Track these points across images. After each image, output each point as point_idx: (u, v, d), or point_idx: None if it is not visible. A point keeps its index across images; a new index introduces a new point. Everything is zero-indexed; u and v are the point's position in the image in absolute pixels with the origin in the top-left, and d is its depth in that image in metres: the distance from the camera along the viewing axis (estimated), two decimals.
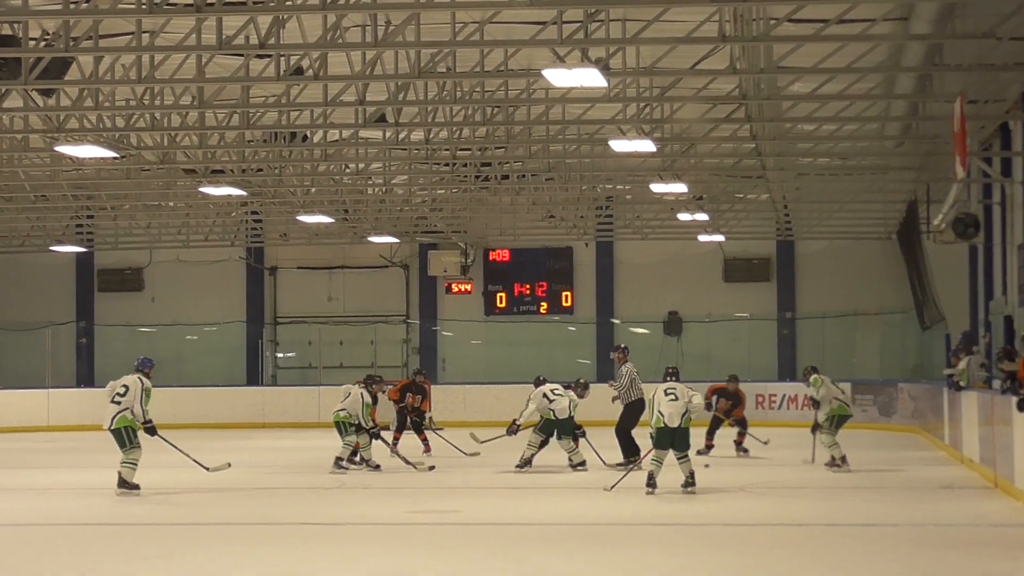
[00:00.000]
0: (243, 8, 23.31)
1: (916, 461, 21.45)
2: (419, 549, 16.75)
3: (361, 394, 26.86)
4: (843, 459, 26.10)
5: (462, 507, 20.87)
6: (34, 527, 19.67)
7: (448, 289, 51.61)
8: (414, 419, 31.18)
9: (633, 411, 26.62)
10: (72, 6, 23.46)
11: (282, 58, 27.44)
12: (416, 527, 18.85)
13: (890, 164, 36.24)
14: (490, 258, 51.57)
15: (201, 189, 38.47)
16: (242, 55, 26.77)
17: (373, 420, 27.15)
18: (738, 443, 29.85)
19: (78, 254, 52.39)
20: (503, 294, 51.68)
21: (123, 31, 26.78)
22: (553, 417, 25.91)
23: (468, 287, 51.38)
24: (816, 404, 26.82)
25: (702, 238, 47.46)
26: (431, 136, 34.01)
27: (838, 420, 26.54)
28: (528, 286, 51.64)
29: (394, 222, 46.87)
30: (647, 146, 24.82)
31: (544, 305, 51.54)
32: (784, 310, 49.26)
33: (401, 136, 33.95)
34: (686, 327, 49.93)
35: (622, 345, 29.17)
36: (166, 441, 23.95)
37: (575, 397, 26.27)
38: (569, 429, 26.04)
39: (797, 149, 34.69)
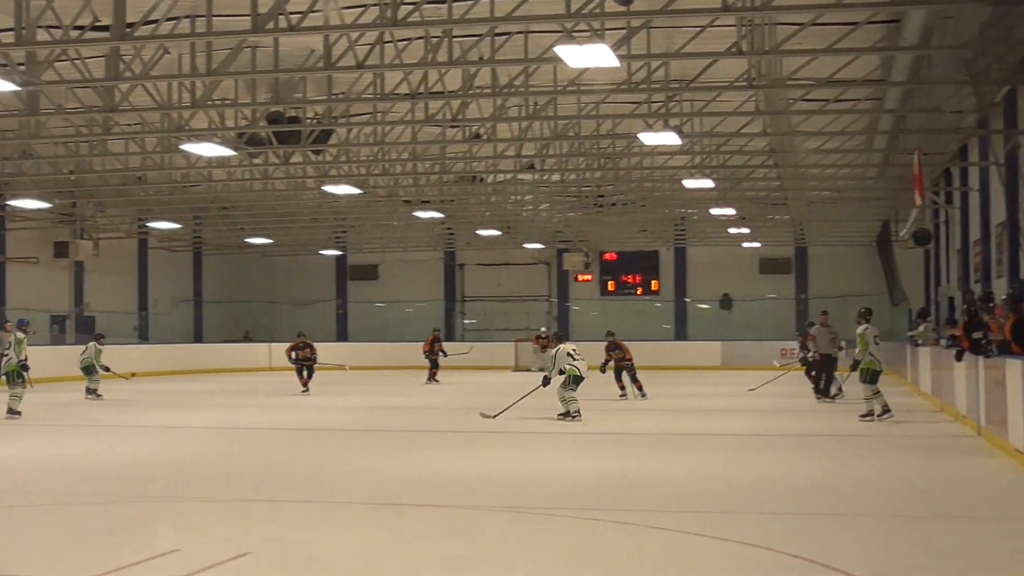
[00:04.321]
0: (440, 95, 23.29)
1: (890, 394, 20.86)
2: (560, 451, 16.48)
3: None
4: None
5: (586, 421, 20.46)
6: (306, 431, 19.50)
7: (575, 279, 51.56)
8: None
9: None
10: (335, 95, 23.61)
11: (467, 127, 27.53)
12: (556, 435, 18.58)
13: (870, 195, 35.81)
14: (604, 258, 51.45)
15: (414, 213, 38.59)
16: (441, 125, 26.81)
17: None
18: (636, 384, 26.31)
19: (336, 256, 52.88)
20: (612, 282, 51.58)
21: (363, 111, 26.90)
22: (577, 372, 20.51)
23: (589, 277, 51.35)
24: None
25: (744, 244, 47.33)
26: (564, 177, 33.91)
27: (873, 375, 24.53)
28: (629, 276, 51.50)
29: (540, 234, 46.87)
30: (672, 138, 24.33)
31: (639, 289, 51.39)
32: (799, 293, 48.86)
33: (544, 178, 33.91)
34: (735, 304, 49.60)
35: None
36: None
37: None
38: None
39: (808, 185, 34.37)
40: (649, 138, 24.83)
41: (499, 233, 44.01)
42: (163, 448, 16.71)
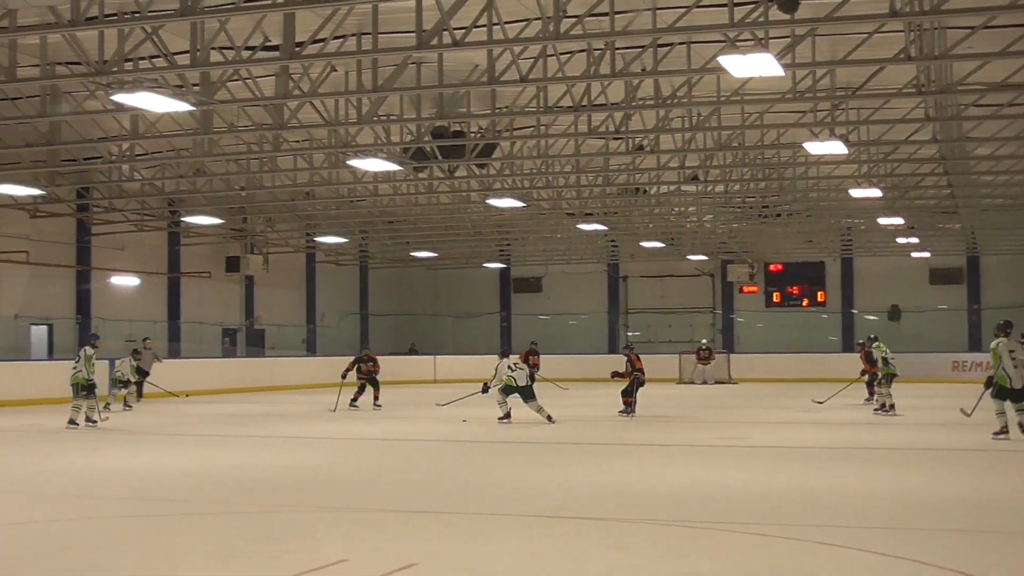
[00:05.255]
0: (604, 107, 23.30)
1: None
2: (723, 464, 16.33)
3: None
4: (892, 406, 24.98)
5: (749, 435, 20.41)
6: (467, 442, 19.64)
7: (740, 290, 51.09)
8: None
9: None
10: (498, 109, 23.77)
11: (630, 139, 27.47)
12: (719, 448, 18.44)
13: None
14: (769, 269, 50.97)
15: (578, 226, 38.65)
16: (604, 137, 26.82)
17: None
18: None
19: (500, 268, 53.19)
20: (777, 293, 51.12)
21: (527, 124, 27.02)
22: (514, 384, 22.86)
23: (754, 289, 50.92)
24: (883, 363, 25.56)
25: (914, 254, 46.50)
26: (728, 188, 33.63)
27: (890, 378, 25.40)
28: (794, 288, 50.90)
29: (704, 245, 46.56)
30: (838, 147, 23.96)
31: (805, 301, 50.80)
32: (972, 304, 47.74)
33: (708, 188, 33.69)
34: (904, 315, 48.63)
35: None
36: None
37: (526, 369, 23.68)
38: (528, 394, 22.95)
39: (981, 192, 33.63)
40: (815, 147, 24.50)
41: (663, 245, 43.89)
42: (328, 459, 16.98)
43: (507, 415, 23.12)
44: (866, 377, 28.13)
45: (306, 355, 46.66)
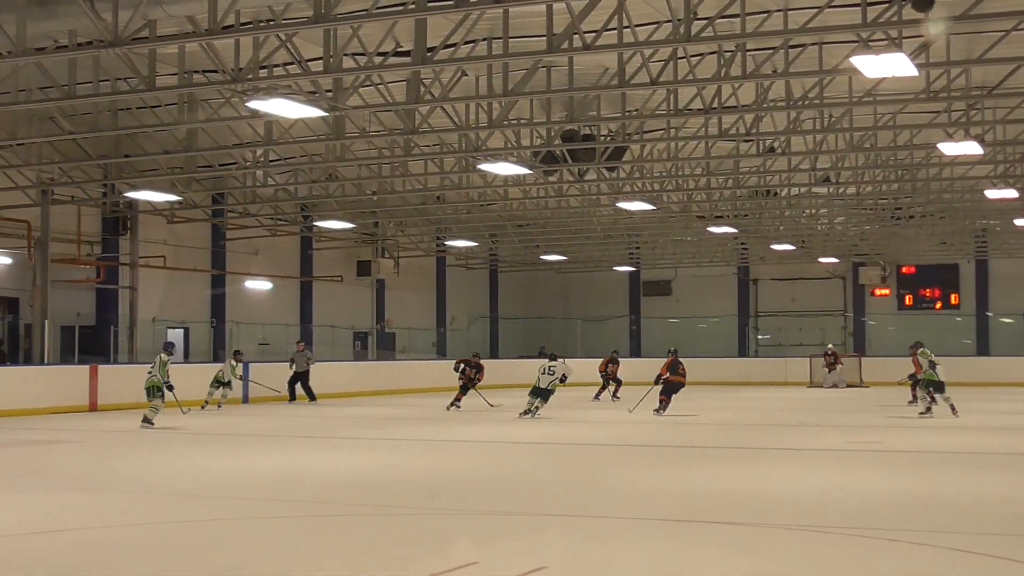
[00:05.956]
0: (734, 109, 23.16)
1: None
2: (855, 468, 16.07)
3: None
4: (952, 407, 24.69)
5: (883, 439, 20.09)
6: (596, 446, 19.57)
7: (872, 293, 50.35)
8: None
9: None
10: (628, 112, 23.74)
11: (761, 141, 27.26)
12: (851, 452, 18.17)
13: None
14: (901, 271, 50.21)
15: (708, 228, 38.44)
16: (735, 139, 26.64)
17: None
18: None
19: (630, 272, 53.09)
20: (910, 296, 50.36)
21: (657, 127, 26.93)
22: (537, 384, 25.55)
23: (886, 292, 50.19)
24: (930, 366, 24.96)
25: None
26: (860, 190, 33.20)
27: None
28: (927, 290, 50.06)
29: (835, 248, 46.00)
30: (973, 148, 23.49)
31: (939, 304, 49.94)
32: None
33: (840, 190, 33.27)
34: None
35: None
36: None
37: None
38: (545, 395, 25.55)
39: None
40: (949, 148, 24.07)
41: (793, 247, 43.46)
42: (458, 461, 17.07)
43: (527, 411, 25.39)
44: (911, 381, 28.22)
45: (436, 358, 46.99)
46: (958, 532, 10.44)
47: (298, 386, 32.64)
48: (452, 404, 28.41)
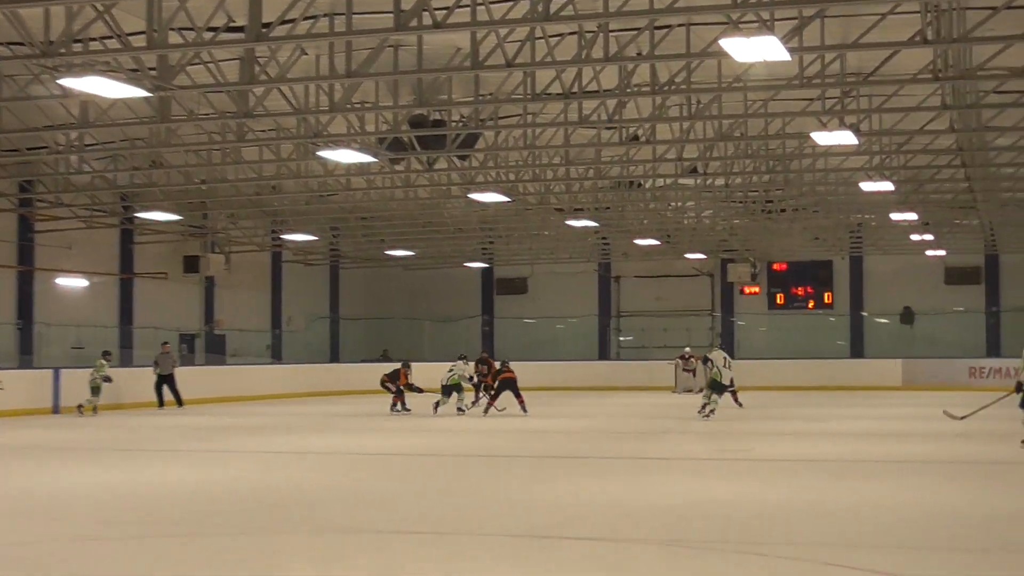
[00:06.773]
0: (596, 95, 23.35)
1: None
2: (722, 478, 16.36)
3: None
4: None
5: (751, 447, 20.45)
6: (450, 456, 19.60)
7: (741, 291, 51.26)
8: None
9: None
10: (482, 96, 23.82)
11: (624, 128, 27.58)
12: (718, 461, 18.48)
13: None
14: (772, 268, 51.19)
15: (567, 222, 38.77)
16: (596, 127, 26.89)
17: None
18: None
19: (483, 268, 53.25)
20: (781, 295, 51.37)
21: (512, 113, 27.08)
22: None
23: (756, 290, 51.14)
24: None
25: (928, 253, 46.76)
26: (730, 181, 33.76)
27: None
28: (800, 288, 51.14)
29: (703, 243, 46.70)
30: (848, 138, 24.09)
31: (811, 303, 51.04)
32: (991, 306, 47.94)
33: (708, 182, 33.82)
34: (917, 318, 48.83)
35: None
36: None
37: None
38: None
39: (1001, 186, 33.83)
40: (823, 138, 24.64)
41: (658, 242, 43.98)
42: (297, 475, 16.96)
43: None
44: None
45: (271, 362, 46.65)
46: (827, 544, 10.72)
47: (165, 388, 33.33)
48: (487, 408, 30.13)
